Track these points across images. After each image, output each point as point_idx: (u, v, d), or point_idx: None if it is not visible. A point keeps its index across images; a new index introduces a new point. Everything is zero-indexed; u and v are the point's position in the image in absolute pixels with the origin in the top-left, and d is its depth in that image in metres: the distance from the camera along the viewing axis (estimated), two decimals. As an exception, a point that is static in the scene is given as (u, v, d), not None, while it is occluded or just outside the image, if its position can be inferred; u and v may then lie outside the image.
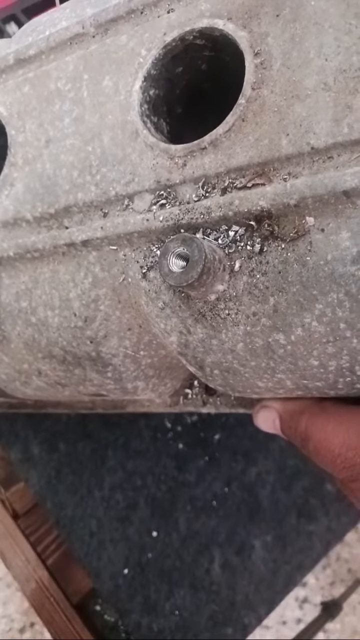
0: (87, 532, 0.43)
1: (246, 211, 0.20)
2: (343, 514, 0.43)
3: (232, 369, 0.23)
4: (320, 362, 0.21)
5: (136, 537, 0.43)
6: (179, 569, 0.42)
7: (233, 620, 0.41)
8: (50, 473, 0.45)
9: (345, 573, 0.86)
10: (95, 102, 0.24)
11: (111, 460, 0.45)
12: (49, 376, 0.28)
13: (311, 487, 0.44)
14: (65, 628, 0.42)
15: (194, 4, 0.23)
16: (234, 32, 0.22)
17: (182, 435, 0.46)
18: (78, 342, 0.25)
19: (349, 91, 0.19)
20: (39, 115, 0.26)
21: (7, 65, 0.27)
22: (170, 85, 0.25)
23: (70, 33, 0.26)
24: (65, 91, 0.25)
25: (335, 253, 0.18)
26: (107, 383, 0.27)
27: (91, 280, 0.24)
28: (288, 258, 0.19)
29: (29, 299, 0.25)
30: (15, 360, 0.27)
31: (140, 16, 0.24)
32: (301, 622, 0.79)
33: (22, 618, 0.88)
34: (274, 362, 0.22)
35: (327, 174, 0.18)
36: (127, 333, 0.25)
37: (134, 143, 0.23)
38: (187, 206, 0.21)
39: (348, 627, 0.84)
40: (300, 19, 0.20)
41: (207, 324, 0.22)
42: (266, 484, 0.44)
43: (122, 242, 0.23)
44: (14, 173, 0.26)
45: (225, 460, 0.45)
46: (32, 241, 0.24)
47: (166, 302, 0.22)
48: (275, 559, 0.42)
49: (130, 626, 0.41)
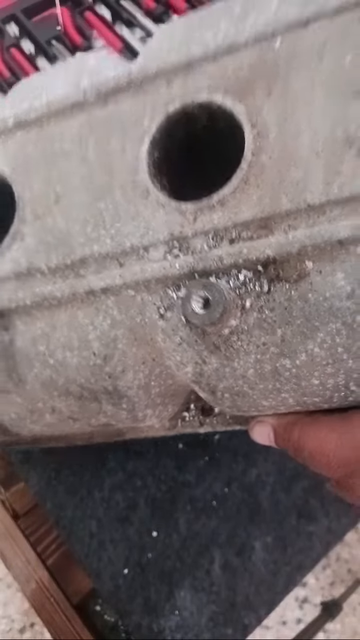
0: (87, 532, 0.43)
1: (254, 258, 0.23)
2: (343, 514, 0.43)
3: (242, 392, 0.26)
4: (320, 381, 0.24)
5: (136, 538, 0.43)
6: (179, 570, 0.42)
7: (233, 621, 0.41)
8: (51, 474, 0.45)
9: (345, 573, 0.86)
10: (103, 162, 0.27)
11: (111, 461, 0.45)
12: (63, 412, 0.29)
13: (311, 488, 0.44)
14: (65, 628, 0.42)
15: (192, 79, 0.26)
16: (233, 105, 0.25)
17: (182, 436, 0.46)
18: (97, 378, 0.27)
19: (337, 158, 0.22)
20: (45, 173, 0.27)
21: (6, 128, 0.29)
22: (171, 146, 0.27)
23: (70, 100, 0.27)
24: (71, 152, 0.27)
25: (332, 291, 0.22)
26: (121, 413, 0.29)
27: (110, 322, 0.26)
28: (292, 296, 0.23)
29: (46, 343, 0.27)
30: (29, 400, 0.29)
31: (140, 88, 0.26)
32: (301, 622, 0.79)
33: (22, 618, 0.89)
34: (280, 384, 0.25)
35: (323, 227, 0.22)
36: (141, 367, 0.27)
37: (145, 201, 0.25)
38: (200, 255, 0.24)
39: (348, 628, 0.84)
40: (289, 96, 0.24)
41: (221, 355, 0.25)
42: (266, 485, 0.44)
43: (140, 288, 0.25)
44: (24, 228, 0.27)
45: (225, 461, 0.45)
46: (50, 290, 0.26)
47: (183, 338, 0.25)
48: (275, 559, 0.42)
49: (131, 626, 0.41)
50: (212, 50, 0.25)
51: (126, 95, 0.27)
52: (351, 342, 0.22)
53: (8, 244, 0.27)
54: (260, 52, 0.25)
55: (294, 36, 0.24)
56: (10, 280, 0.27)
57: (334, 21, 0.23)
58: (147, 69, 0.26)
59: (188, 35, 0.26)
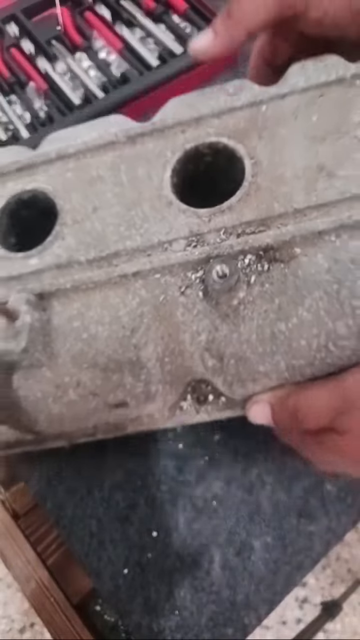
0: (87, 532, 0.43)
1: (257, 246, 0.31)
2: (343, 514, 0.43)
3: (244, 358, 0.32)
4: (307, 342, 0.31)
5: (136, 537, 0.43)
6: (179, 570, 0.42)
7: (233, 621, 0.41)
8: (50, 473, 0.45)
9: (345, 573, 0.86)
10: (133, 184, 0.35)
11: (111, 461, 0.45)
12: (86, 387, 0.33)
13: (311, 487, 0.44)
14: (65, 628, 0.42)
15: (202, 128, 0.36)
16: (234, 144, 0.35)
17: (182, 436, 0.46)
18: (124, 349, 0.32)
19: (313, 179, 0.32)
20: (83, 191, 0.35)
21: (48, 159, 0.37)
22: (183, 174, 0.36)
23: (104, 140, 0.36)
24: (105, 176, 0.35)
25: (315, 268, 0.30)
26: (137, 387, 0.33)
27: (138, 301, 0.32)
28: (286, 273, 0.31)
29: (81, 320, 0.32)
30: (58, 375, 0.32)
31: (161, 133, 0.36)
32: (301, 622, 0.79)
33: (22, 618, 0.89)
34: (276, 347, 0.31)
35: (306, 224, 0.31)
36: (160, 341, 0.32)
37: (169, 209, 0.34)
38: (214, 245, 0.32)
39: (348, 628, 0.84)
40: (276, 140, 0.34)
41: (230, 322, 0.31)
42: (266, 485, 0.44)
43: (165, 271, 0.32)
44: (65, 230, 0.34)
45: (225, 460, 0.45)
46: (88, 276, 0.32)
47: (200, 309, 0.32)
48: (275, 559, 0.42)
49: (131, 626, 0.41)
50: (216, 111, 0.36)
51: (150, 138, 0.36)
52: (330, 306, 0.30)
53: (50, 242, 0.34)
54: (252, 113, 0.35)
55: (276, 104, 0.35)
56: (52, 270, 0.33)
57: (302, 95, 0.35)
58: (165, 121, 0.36)
59: (196, 102, 0.36)
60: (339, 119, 0.33)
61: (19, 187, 0.36)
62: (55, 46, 0.65)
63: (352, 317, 0.30)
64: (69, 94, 0.61)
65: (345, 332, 0.30)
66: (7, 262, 0.33)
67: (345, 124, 0.33)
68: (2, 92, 0.63)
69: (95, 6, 0.68)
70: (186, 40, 0.64)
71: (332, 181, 0.32)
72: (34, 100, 0.63)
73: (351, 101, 0.34)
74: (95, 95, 0.61)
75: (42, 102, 0.62)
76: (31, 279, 0.33)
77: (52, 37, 0.65)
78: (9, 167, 0.37)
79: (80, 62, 0.64)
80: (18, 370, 0.32)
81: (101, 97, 0.61)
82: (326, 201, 0.31)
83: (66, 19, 0.66)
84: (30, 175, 0.37)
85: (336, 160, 0.32)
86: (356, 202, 0.31)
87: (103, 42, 0.66)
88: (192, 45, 0.36)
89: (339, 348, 0.30)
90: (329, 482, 0.44)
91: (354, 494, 0.44)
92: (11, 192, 0.36)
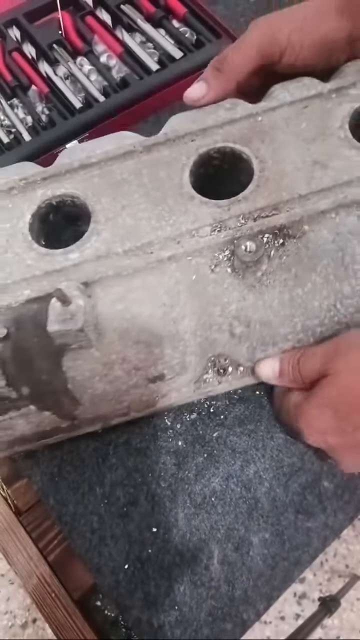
0: (89, 528, 0.44)
1: (272, 226, 0.37)
2: (340, 510, 0.44)
3: (268, 322, 0.38)
4: (319, 303, 0.38)
5: (136, 533, 0.43)
6: (179, 565, 0.42)
7: (232, 616, 0.41)
8: (53, 470, 0.46)
9: (343, 569, 0.86)
10: (155, 184, 0.39)
11: (112, 458, 0.46)
12: (131, 362, 0.37)
13: (308, 484, 0.45)
14: (66, 624, 0.42)
15: (209, 137, 0.41)
16: (241, 147, 0.40)
17: (182, 433, 0.46)
18: (164, 323, 0.37)
19: (310, 170, 0.39)
20: (111, 193, 0.39)
21: (72, 168, 0.40)
22: (196, 176, 0.41)
23: (123, 150, 0.40)
24: (130, 179, 0.40)
25: (322, 240, 0.38)
26: (175, 357, 0.39)
27: (174, 281, 0.37)
28: (299, 246, 0.38)
29: (124, 302, 0.36)
30: (105, 353, 0.37)
31: (174, 142, 0.41)
32: (299, 617, 0.80)
33: (24, 614, 0.89)
34: (294, 309, 0.38)
35: (311, 206, 0.37)
36: (193, 315, 0.38)
37: (191, 202, 0.39)
38: (235, 229, 0.37)
39: (346, 623, 0.84)
40: (275, 143, 0.40)
41: (256, 291, 0.37)
42: (264, 481, 0.44)
43: (195, 254, 0.37)
44: (99, 227, 0.38)
45: (224, 457, 0.45)
46: (127, 263, 0.36)
47: (229, 283, 0.37)
48: (273, 555, 0.43)
49: (131, 622, 0.41)
50: (219, 122, 0.41)
51: (164, 146, 0.41)
52: (337, 270, 0.38)
53: (87, 238, 0.37)
54: (250, 123, 0.41)
55: (269, 115, 0.42)
56: (92, 261, 0.36)
57: (290, 107, 0.42)
58: (177, 132, 0.41)
59: (198, 117, 0.42)
60: (323, 125, 0.41)
61: (49, 193, 0.39)
62: (56, 50, 0.66)
63: (354, 278, 0.38)
64: (70, 97, 0.62)
65: (349, 292, 0.38)
66: (49, 257, 0.37)
67: (329, 128, 0.41)
68: (4, 96, 0.64)
69: (96, 11, 0.68)
70: (186, 44, 0.64)
71: (326, 171, 0.39)
72: (36, 104, 0.63)
73: (331, 110, 0.41)
74: (96, 99, 0.62)
75: (44, 106, 0.63)
76: (73, 271, 0.36)
77: (54, 41, 0.66)
78: (35, 176, 0.40)
79: (81, 66, 0.65)
80: (68, 353, 0.36)
81: (102, 100, 0.61)
82: (324, 187, 0.38)
83: (67, 23, 0.67)
84: (58, 183, 0.40)
85: (326, 155, 0.39)
86: (347, 186, 0.38)
87: (104, 46, 0.66)
88: (186, 94, 0.42)
89: (344, 306, 0.38)
90: (327, 478, 0.45)
91: (351, 491, 0.45)
92: (42, 198, 0.39)
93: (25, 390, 0.37)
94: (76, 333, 0.33)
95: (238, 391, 0.48)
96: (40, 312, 0.35)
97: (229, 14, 0.71)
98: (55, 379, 0.37)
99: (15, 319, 0.35)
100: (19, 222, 0.38)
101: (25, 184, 0.40)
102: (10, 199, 0.40)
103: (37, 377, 0.37)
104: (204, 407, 0.47)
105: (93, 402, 0.39)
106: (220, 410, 0.47)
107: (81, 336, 0.34)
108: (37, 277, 0.36)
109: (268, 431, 0.46)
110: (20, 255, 0.37)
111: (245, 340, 0.39)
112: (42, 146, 0.59)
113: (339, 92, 0.42)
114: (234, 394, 0.48)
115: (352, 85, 0.42)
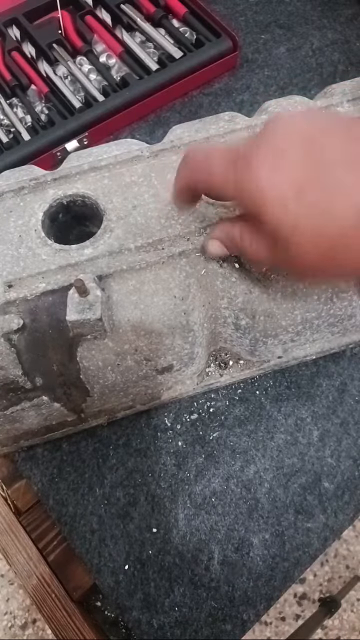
0: (88, 528, 0.44)
1: None
2: (340, 511, 0.44)
3: (272, 314, 0.40)
4: (318, 296, 0.40)
5: (137, 534, 0.43)
6: (179, 566, 0.42)
7: (232, 617, 0.41)
8: (53, 471, 0.45)
9: (343, 570, 0.86)
10: (164, 186, 0.40)
11: (112, 459, 0.46)
12: (143, 352, 0.39)
13: (308, 485, 0.44)
14: (66, 624, 0.42)
15: (212, 144, 0.42)
16: None
17: (182, 434, 0.46)
18: (176, 314, 0.38)
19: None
20: (122, 194, 0.40)
21: (82, 170, 0.41)
22: None
23: (131, 155, 0.42)
24: (139, 182, 0.41)
25: None
26: (185, 348, 0.41)
27: (184, 275, 0.38)
28: None
29: (137, 294, 0.37)
30: (118, 343, 0.38)
31: (179, 149, 0.42)
32: (300, 618, 0.80)
33: (24, 614, 0.89)
34: (296, 302, 0.40)
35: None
36: (202, 308, 0.40)
37: (199, 203, 0.39)
38: None
39: (347, 624, 0.84)
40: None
41: (261, 285, 0.39)
42: (264, 482, 0.44)
43: (204, 250, 0.37)
44: (112, 224, 0.39)
45: (223, 458, 0.45)
46: (140, 258, 0.37)
47: (236, 277, 0.39)
48: (273, 555, 0.43)
49: (131, 622, 0.41)
50: (221, 132, 0.43)
51: (171, 152, 0.42)
52: None
53: (100, 235, 0.39)
54: (249, 133, 0.43)
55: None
56: (105, 256, 0.38)
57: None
58: (182, 140, 0.43)
59: (201, 127, 0.44)
60: None
61: (60, 193, 0.40)
62: (56, 50, 0.66)
63: None
64: (70, 97, 0.62)
65: (344, 286, 0.41)
66: (63, 252, 0.38)
67: None
68: (4, 95, 0.64)
69: (96, 10, 0.68)
70: (185, 44, 0.64)
71: None
72: (35, 103, 0.63)
73: None
74: (95, 99, 0.61)
75: (43, 105, 0.63)
76: (88, 265, 0.37)
77: (53, 41, 0.66)
78: (46, 177, 0.41)
79: (81, 66, 0.65)
80: (83, 343, 0.37)
81: (101, 100, 0.61)
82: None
83: (67, 22, 0.67)
84: (69, 184, 0.41)
85: None
86: None
87: (103, 46, 0.66)
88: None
89: (340, 299, 0.41)
90: (327, 479, 0.45)
91: (351, 492, 0.45)
92: (54, 197, 0.40)
93: (39, 380, 0.39)
94: (93, 323, 0.35)
95: (238, 391, 0.48)
96: (55, 304, 0.36)
97: (229, 14, 0.70)
98: (68, 369, 0.38)
99: (31, 311, 0.36)
100: (31, 219, 0.40)
101: (35, 184, 0.41)
102: (21, 198, 0.41)
103: (51, 368, 0.38)
104: (204, 407, 0.47)
105: (102, 393, 0.41)
106: (220, 410, 0.47)
107: (98, 326, 0.35)
108: (52, 271, 0.37)
109: (268, 432, 0.46)
110: (35, 251, 0.38)
111: (249, 332, 0.42)
112: (41, 146, 0.59)
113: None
114: (234, 394, 0.48)
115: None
